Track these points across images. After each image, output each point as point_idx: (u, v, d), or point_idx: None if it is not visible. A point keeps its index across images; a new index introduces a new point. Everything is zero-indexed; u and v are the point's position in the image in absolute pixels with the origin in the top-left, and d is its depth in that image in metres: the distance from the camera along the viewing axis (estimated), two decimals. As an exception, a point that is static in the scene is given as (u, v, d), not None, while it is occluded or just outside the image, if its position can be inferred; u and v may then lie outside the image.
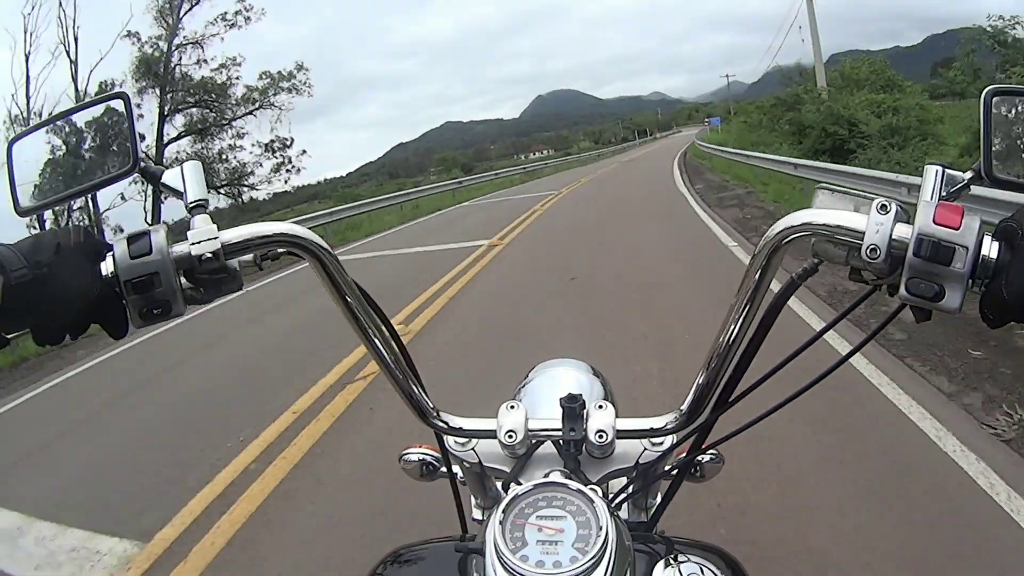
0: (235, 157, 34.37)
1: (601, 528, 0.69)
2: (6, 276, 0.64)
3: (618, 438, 0.84)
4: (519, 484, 0.77)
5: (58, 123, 0.91)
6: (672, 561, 0.76)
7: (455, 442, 0.90)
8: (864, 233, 0.64)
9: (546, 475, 0.81)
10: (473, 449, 0.89)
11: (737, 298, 0.76)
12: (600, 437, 0.81)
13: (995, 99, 0.71)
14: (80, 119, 0.93)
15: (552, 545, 0.69)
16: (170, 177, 0.79)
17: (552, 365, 1.30)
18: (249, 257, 0.75)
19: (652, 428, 0.86)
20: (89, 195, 3.41)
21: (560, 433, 0.84)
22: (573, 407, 0.83)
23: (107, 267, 0.69)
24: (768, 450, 3.20)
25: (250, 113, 33.56)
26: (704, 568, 0.76)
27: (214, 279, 0.73)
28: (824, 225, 0.67)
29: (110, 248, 0.70)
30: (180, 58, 31.65)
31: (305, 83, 34.14)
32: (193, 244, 0.69)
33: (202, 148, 32.96)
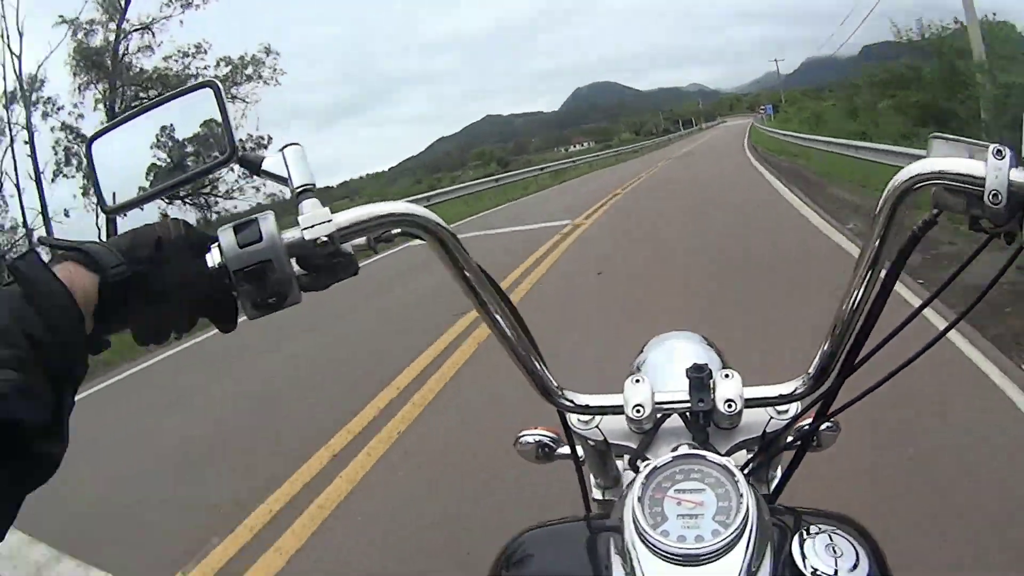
0: (199, 161, 28.91)
1: (741, 500, 0.67)
2: (103, 274, 0.62)
3: (746, 407, 0.82)
4: (646, 460, 0.78)
5: (141, 117, 0.84)
6: (807, 533, 0.70)
7: (579, 420, 0.90)
8: (984, 179, 0.63)
9: (674, 448, 0.79)
10: (598, 426, 0.89)
11: (860, 261, 0.74)
12: (729, 407, 0.80)
13: None
14: (164, 112, 0.84)
15: (693, 519, 0.67)
16: (271, 164, 0.77)
17: (667, 338, 1.25)
18: (362, 240, 0.74)
19: (780, 395, 0.85)
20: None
21: (688, 404, 0.82)
22: (700, 377, 0.82)
23: (213, 258, 0.66)
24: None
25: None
26: (842, 539, 0.69)
27: (329, 264, 0.71)
28: (944, 173, 0.66)
29: (214, 239, 0.67)
30: (128, 47, 26.54)
31: (275, 70, 28.65)
32: (306, 228, 0.67)
33: (155, 154, 26.48)
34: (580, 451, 0.98)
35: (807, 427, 0.89)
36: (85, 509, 3.99)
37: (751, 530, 0.65)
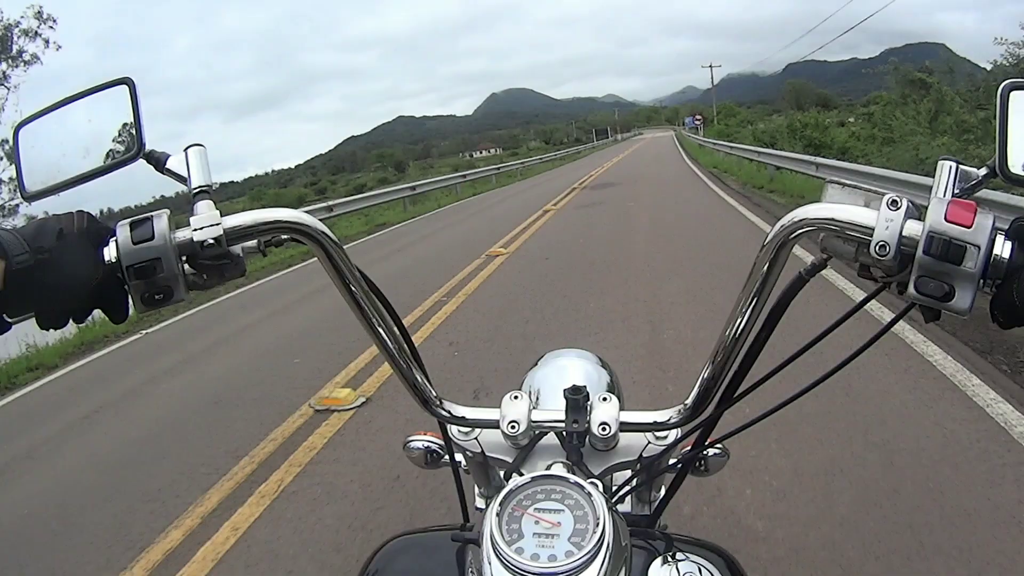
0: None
1: (598, 523, 0.66)
2: (7, 261, 0.64)
3: (621, 431, 0.82)
4: (521, 475, 0.78)
5: (64, 108, 0.85)
6: (670, 559, 0.75)
7: (459, 431, 0.89)
8: (874, 229, 0.61)
9: (548, 467, 0.79)
10: (476, 438, 0.88)
11: (743, 292, 0.74)
12: (603, 430, 0.80)
13: (1012, 93, 0.66)
14: (86, 104, 0.85)
15: (548, 538, 0.66)
16: (175, 163, 0.78)
17: (560, 355, 1.27)
18: (253, 243, 0.74)
19: (656, 422, 0.85)
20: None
21: (563, 425, 0.82)
22: (577, 399, 0.81)
23: (110, 252, 0.67)
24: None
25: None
26: (702, 568, 0.74)
27: (217, 265, 0.71)
28: (833, 220, 0.64)
29: (113, 233, 0.68)
30: None
31: (49, 44, 20.37)
32: (196, 230, 0.68)
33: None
34: (463, 460, 0.97)
35: (688, 452, 0.90)
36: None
37: (606, 553, 0.64)
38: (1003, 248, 0.59)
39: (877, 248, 0.61)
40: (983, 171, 0.66)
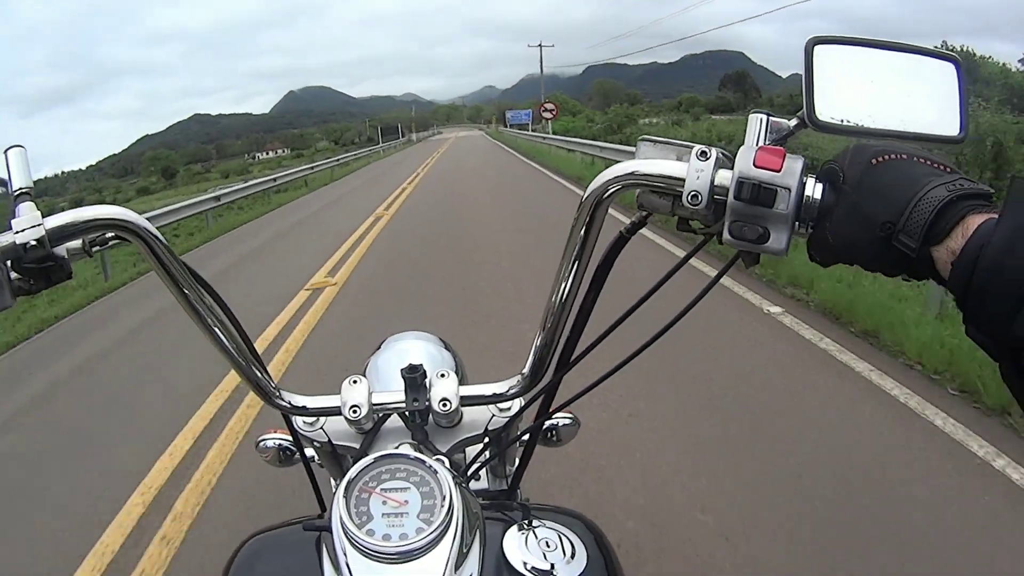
0: None
1: (445, 497, 0.66)
2: None
3: (463, 405, 0.82)
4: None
5: None
6: (526, 526, 0.73)
7: (304, 423, 0.86)
8: (685, 180, 0.61)
9: (396, 448, 0.78)
10: (322, 428, 0.86)
11: (564, 256, 0.72)
12: (444, 406, 0.79)
13: (816, 47, 0.65)
14: None
15: (398, 517, 0.66)
16: None
17: (401, 338, 1.24)
18: (78, 243, 0.70)
19: (496, 393, 0.84)
20: None
21: (404, 405, 0.81)
22: (414, 377, 0.81)
23: None
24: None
25: None
26: (561, 535, 0.72)
27: (42, 268, 0.67)
28: (644, 175, 0.63)
29: None
30: None
31: None
32: (17, 233, 0.64)
33: None
34: (314, 453, 0.94)
35: (536, 422, 0.88)
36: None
37: (457, 526, 0.64)
38: (814, 190, 0.59)
39: (689, 198, 0.60)
40: (793, 121, 0.65)
